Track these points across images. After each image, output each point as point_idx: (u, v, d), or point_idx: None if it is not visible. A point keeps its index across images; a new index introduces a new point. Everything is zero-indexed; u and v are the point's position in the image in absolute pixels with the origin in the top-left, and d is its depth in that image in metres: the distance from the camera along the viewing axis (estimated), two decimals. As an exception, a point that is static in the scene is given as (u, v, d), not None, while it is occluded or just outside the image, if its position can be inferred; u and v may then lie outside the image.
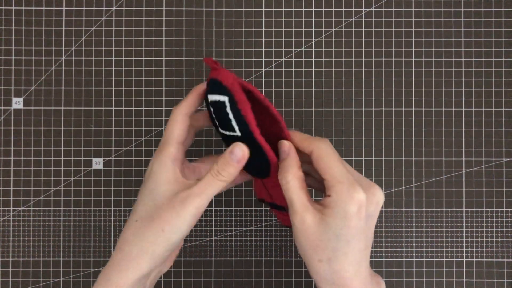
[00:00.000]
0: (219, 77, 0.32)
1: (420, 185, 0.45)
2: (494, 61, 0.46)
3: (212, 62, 0.33)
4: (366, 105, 0.46)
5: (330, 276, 0.31)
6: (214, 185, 0.32)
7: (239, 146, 0.32)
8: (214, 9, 0.46)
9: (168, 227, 0.31)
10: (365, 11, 0.46)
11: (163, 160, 0.33)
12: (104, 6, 0.46)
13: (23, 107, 0.45)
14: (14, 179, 0.45)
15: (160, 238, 0.31)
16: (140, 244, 0.31)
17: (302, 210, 0.31)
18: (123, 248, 0.32)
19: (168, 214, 0.31)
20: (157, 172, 0.32)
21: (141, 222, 0.32)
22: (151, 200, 0.32)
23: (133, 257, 0.31)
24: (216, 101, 0.32)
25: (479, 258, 0.45)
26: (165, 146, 0.33)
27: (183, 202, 0.31)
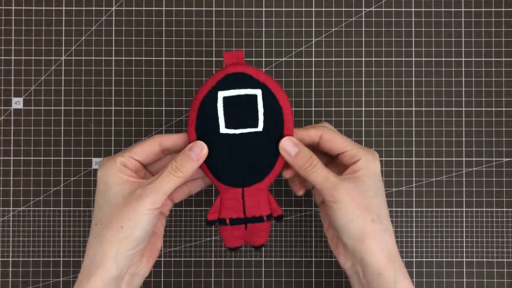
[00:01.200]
0: (248, 71, 0.33)
1: (420, 185, 0.45)
2: (494, 61, 0.46)
3: (235, 58, 0.33)
4: (366, 105, 0.46)
5: (383, 236, 0.33)
6: (170, 181, 0.32)
7: (198, 143, 0.33)
8: (214, 9, 0.46)
9: (127, 223, 0.31)
10: (365, 11, 0.46)
11: (111, 164, 0.33)
12: (104, 6, 0.46)
13: (23, 107, 0.45)
14: (14, 179, 0.45)
15: (120, 235, 0.31)
16: (103, 246, 0.32)
17: (340, 180, 0.33)
18: (88, 252, 0.33)
19: (125, 211, 0.31)
20: (104, 176, 0.33)
21: (100, 224, 0.32)
22: (105, 202, 0.32)
23: (98, 260, 0.32)
24: (239, 96, 0.33)
25: (479, 258, 0.45)
26: (119, 153, 0.34)
27: (138, 199, 0.32)
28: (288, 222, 0.45)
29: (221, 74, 0.33)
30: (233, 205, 0.35)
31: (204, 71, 0.46)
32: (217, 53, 0.46)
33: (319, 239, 0.45)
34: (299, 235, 0.45)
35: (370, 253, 0.33)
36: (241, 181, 0.34)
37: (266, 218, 0.35)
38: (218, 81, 0.33)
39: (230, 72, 0.33)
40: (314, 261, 0.45)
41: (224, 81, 0.33)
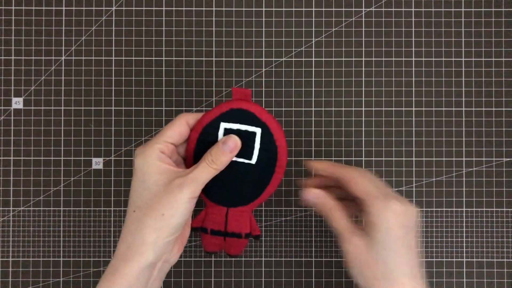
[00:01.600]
0: (252, 109, 0.36)
1: (420, 185, 0.45)
2: (494, 61, 0.46)
3: (243, 95, 0.36)
4: (366, 105, 0.46)
5: None
6: (208, 172, 0.34)
7: (232, 137, 0.35)
8: (214, 9, 0.46)
9: (168, 211, 0.32)
10: (365, 11, 0.46)
11: (147, 154, 0.34)
12: (104, 6, 0.46)
13: (23, 107, 0.45)
14: (14, 179, 0.45)
15: (161, 223, 0.32)
16: (142, 232, 0.32)
17: (349, 234, 0.34)
18: (126, 239, 0.33)
19: (166, 199, 0.32)
20: (143, 165, 0.33)
21: (139, 210, 0.33)
22: (145, 189, 0.33)
23: (137, 246, 0.32)
24: (240, 130, 0.35)
25: (479, 258, 0.45)
26: (150, 142, 0.34)
27: (180, 187, 0.32)
28: (288, 222, 0.45)
29: (226, 106, 0.36)
30: (216, 219, 0.37)
31: (204, 71, 0.46)
32: (217, 53, 0.46)
33: (319, 239, 0.45)
34: (299, 235, 0.45)
35: None
36: (227, 203, 0.37)
37: (244, 235, 0.37)
38: (223, 113, 0.36)
39: (235, 107, 0.36)
40: (314, 261, 0.45)
41: (228, 114, 0.36)
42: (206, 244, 0.38)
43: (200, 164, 0.34)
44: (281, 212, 0.45)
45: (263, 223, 0.45)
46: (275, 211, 0.45)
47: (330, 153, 0.45)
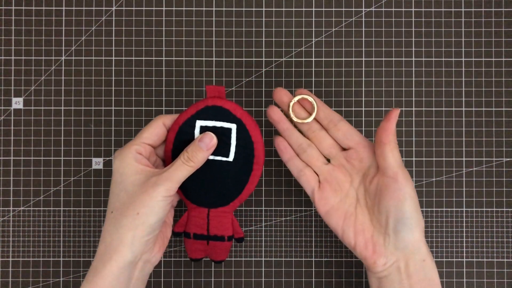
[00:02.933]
0: (226, 105, 0.36)
1: (420, 185, 0.45)
2: (494, 61, 0.46)
3: (217, 92, 0.36)
4: (366, 105, 0.46)
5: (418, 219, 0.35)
6: (184, 170, 0.34)
7: (208, 134, 0.35)
8: (214, 9, 0.46)
9: (143, 209, 0.33)
10: (365, 11, 0.46)
11: (123, 155, 0.34)
12: (104, 6, 0.46)
13: (23, 107, 0.45)
14: (14, 179, 0.45)
15: (137, 222, 0.33)
16: (119, 232, 0.33)
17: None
18: (104, 239, 0.34)
19: (141, 198, 0.33)
20: (120, 167, 0.34)
21: (116, 211, 0.33)
22: (122, 190, 0.34)
23: (115, 246, 0.33)
24: (216, 127, 0.36)
25: (479, 258, 0.45)
26: (127, 144, 0.35)
27: (154, 186, 0.33)
28: (288, 222, 0.45)
29: (201, 104, 0.36)
30: (198, 222, 0.37)
31: (204, 71, 0.46)
32: (217, 53, 0.46)
33: (319, 239, 0.45)
34: (299, 235, 0.45)
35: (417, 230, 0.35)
36: (207, 203, 0.37)
37: (227, 238, 0.37)
38: (198, 111, 0.36)
39: (209, 105, 0.36)
40: (314, 261, 0.45)
41: (203, 111, 0.36)
42: (190, 251, 0.38)
43: (175, 162, 0.34)
44: (281, 212, 0.45)
45: (263, 223, 0.45)
46: (275, 211, 0.45)
47: (330, 153, 0.45)
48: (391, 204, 0.34)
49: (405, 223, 0.34)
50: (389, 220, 0.34)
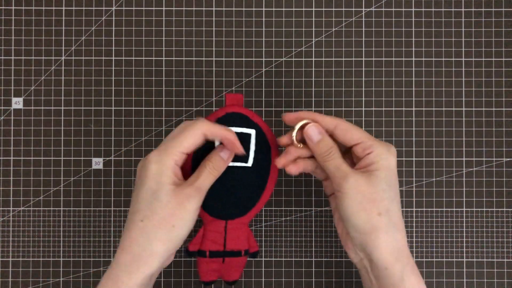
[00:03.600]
0: (245, 112, 0.37)
1: (420, 185, 0.45)
2: (494, 61, 0.46)
3: (236, 100, 0.37)
4: (366, 105, 0.46)
5: (391, 230, 0.33)
6: (210, 179, 0.34)
7: (229, 138, 0.35)
8: (214, 9, 0.46)
9: (178, 222, 0.32)
10: (365, 11, 0.46)
11: (167, 162, 0.33)
12: (104, 6, 0.46)
13: (23, 107, 0.45)
14: (14, 179, 0.45)
15: (171, 234, 0.32)
16: (152, 244, 0.32)
17: (351, 171, 0.34)
18: (132, 249, 0.32)
19: (177, 211, 0.32)
20: (157, 174, 0.33)
21: (148, 221, 0.32)
22: (155, 199, 0.32)
23: (145, 258, 0.32)
24: (236, 133, 0.35)
25: (479, 258, 0.45)
26: (170, 149, 0.33)
27: (188, 198, 0.33)
28: (288, 222, 0.45)
29: (221, 112, 0.37)
30: (215, 237, 0.37)
31: (204, 71, 0.46)
32: (217, 53, 0.46)
33: (319, 239, 0.45)
34: (299, 235, 0.45)
35: (376, 247, 0.33)
36: (225, 214, 0.37)
37: (244, 253, 0.37)
38: (219, 118, 0.36)
39: (230, 112, 0.37)
40: (314, 261, 0.45)
41: (224, 118, 0.36)
42: (203, 272, 0.37)
43: (202, 172, 0.34)
44: (281, 212, 0.45)
45: (263, 223, 0.45)
46: (275, 211, 0.45)
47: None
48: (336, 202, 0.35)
49: (349, 226, 0.34)
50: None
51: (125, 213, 0.45)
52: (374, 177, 0.33)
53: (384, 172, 0.33)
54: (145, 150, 0.45)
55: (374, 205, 0.33)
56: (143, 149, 0.45)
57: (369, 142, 0.34)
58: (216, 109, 0.38)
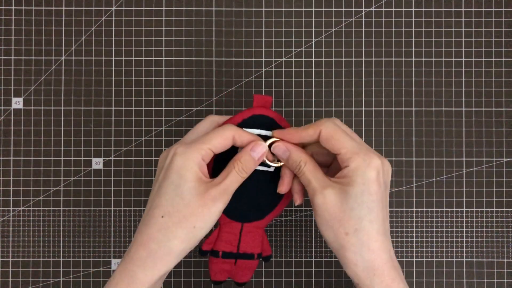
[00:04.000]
0: (272, 115, 0.36)
1: (420, 185, 0.45)
2: (494, 61, 0.46)
3: (264, 102, 0.35)
4: (366, 105, 0.46)
5: (359, 250, 0.31)
6: (238, 181, 0.33)
7: (260, 143, 0.34)
8: (214, 9, 0.46)
9: (200, 223, 0.31)
10: (365, 11, 0.46)
11: (193, 156, 0.32)
12: (104, 6, 0.46)
13: (23, 107, 0.45)
14: (14, 179, 0.45)
15: (191, 235, 0.31)
16: (170, 242, 0.31)
17: (321, 186, 0.32)
18: (149, 245, 0.31)
19: (200, 212, 0.31)
20: (182, 168, 0.31)
21: (169, 218, 0.31)
22: (178, 195, 0.31)
23: (161, 255, 0.31)
24: (261, 135, 0.35)
25: (479, 258, 0.45)
26: (199, 144, 0.32)
27: (214, 200, 0.32)
28: (288, 222, 0.45)
29: (248, 113, 0.36)
30: (230, 238, 0.36)
31: (204, 71, 0.46)
32: (217, 53, 0.46)
33: (319, 239, 0.45)
34: (299, 235, 0.45)
35: (345, 264, 0.32)
36: (243, 217, 0.36)
37: (256, 256, 0.36)
38: (244, 119, 0.35)
39: (256, 114, 0.35)
40: (314, 261, 0.45)
41: (249, 120, 0.35)
42: (214, 272, 0.37)
43: (230, 173, 0.33)
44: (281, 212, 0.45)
45: (263, 223, 0.45)
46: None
47: (330, 153, 0.45)
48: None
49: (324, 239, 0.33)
50: None
51: (125, 213, 0.45)
52: (344, 194, 0.31)
53: (356, 189, 0.31)
54: (145, 150, 0.45)
55: (340, 224, 0.31)
56: (143, 149, 0.45)
57: (348, 154, 0.32)
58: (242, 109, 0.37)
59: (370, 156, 0.32)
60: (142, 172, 0.45)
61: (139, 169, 0.45)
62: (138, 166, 0.45)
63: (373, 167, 0.31)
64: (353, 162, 0.32)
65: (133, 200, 0.45)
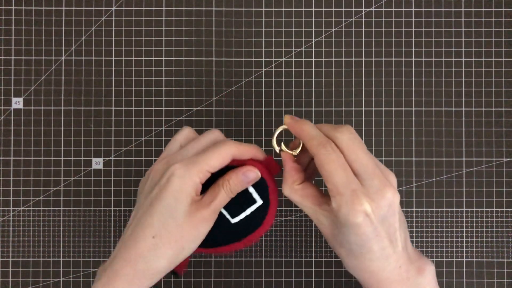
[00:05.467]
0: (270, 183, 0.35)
1: (420, 185, 0.45)
2: (494, 61, 0.46)
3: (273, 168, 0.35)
4: (366, 105, 0.46)
5: (358, 272, 0.33)
6: (225, 201, 0.33)
7: (253, 170, 0.33)
8: (214, 9, 0.46)
9: (189, 244, 0.32)
10: (365, 11, 0.46)
11: (192, 181, 0.31)
12: (104, 6, 0.46)
13: (23, 107, 0.45)
14: (14, 179, 0.45)
15: (179, 255, 0.32)
16: (159, 262, 0.31)
17: (314, 216, 0.33)
18: (137, 263, 0.31)
19: (189, 233, 0.31)
20: (179, 191, 0.31)
21: (160, 239, 0.31)
22: (170, 217, 0.31)
23: (149, 275, 0.31)
24: (247, 190, 0.34)
25: (479, 258, 0.45)
26: (198, 165, 0.31)
27: (203, 221, 0.31)
28: (288, 222, 0.45)
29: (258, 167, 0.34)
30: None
31: (204, 71, 0.46)
32: (217, 53, 0.46)
33: (319, 239, 0.45)
34: (299, 235, 0.45)
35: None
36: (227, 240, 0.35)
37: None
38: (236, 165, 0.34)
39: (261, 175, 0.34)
40: (314, 261, 0.45)
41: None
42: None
43: (219, 193, 0.32)
44: (281, 212, 0.45)
45: (263, 223, 0.45)
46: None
47: (330, 153, 0.45)
48: None
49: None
50: None
51: (125, 213, 0.45)
52: (336, 225, 0.32)
53: (342, 228, 0.31)
54: (145, 150, 0.45)
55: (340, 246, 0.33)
56: (143, 149, 0.45)
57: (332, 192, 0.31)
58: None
59: (354, 201, 0.30)
60: (142, 172, 0.45)
61: (139, 169, 0.45)
62: (138, 166, 0.45)
63: (358, 212, 0.30)
64: (335, 203, 0.30)
65: (133, 200, 0.45)
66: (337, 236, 0.32)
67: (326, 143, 0.31)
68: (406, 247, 0.33)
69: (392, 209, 0.31)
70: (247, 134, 0.45)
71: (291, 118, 0.34)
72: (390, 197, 0.31)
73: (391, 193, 0.31)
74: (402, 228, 0.33)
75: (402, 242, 0.32)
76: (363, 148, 0.32)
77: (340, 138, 0.32)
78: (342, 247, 0.32)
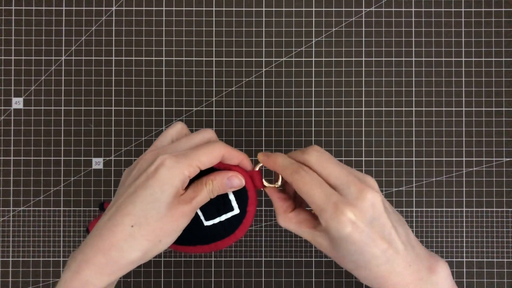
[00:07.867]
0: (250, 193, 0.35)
1: (420, 185, 0.45)
2: (494, 61, 0.46)
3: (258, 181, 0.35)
4: (366, 105, 0.46)
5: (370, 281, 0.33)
6: (206, 200, 0.32)
7: (239, 177, 0.33)
8: (214, 9, 0.46)
9: (166, 239, 0.31)
10: (365, 11, 0.46)
11: (180, 173, 0.31)
12: (104, 6, 0.46)
13: (23, 107, 0.45)
14: (14, 179, 0.45)
15: (155, 248, 0.31)
16: (134, 253, 0.30)
17: (313, 240, 0.33)
18: (110, 252, 0.30)
19: (169, 227, 0.31)
20: (168, 183, 0.30)
21: (139, 229, 0.30)
22: (154, 209, 0.30)
23: (121, 265, 0.30)
24: (226, 195, 0.34)
25: (479, 258, 0.45)
26: (189, 160, 0.31)
27: (183, 217, 0.31)
28: (288, 222, 0.45)
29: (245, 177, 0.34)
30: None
31: (204, 71, 0.46)
32: (217, 53, 0.46)
33: (319, 239, 0.45)
34: (299, 235, 0.45)
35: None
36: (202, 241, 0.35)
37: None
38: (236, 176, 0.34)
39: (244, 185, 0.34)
40: (314, 261, 0.45)
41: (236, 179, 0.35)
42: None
43: (201, 191, 0.32)
44: (281, 212, 0.45)
45: (263, 223, 0.45)
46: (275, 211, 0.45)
47: (330, 153, 0.45)
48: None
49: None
50: None
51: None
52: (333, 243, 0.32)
53: (338, 242, 0.31)
54: (145, 150, 0.45)
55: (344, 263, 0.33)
56: (143, 149, 0.45)
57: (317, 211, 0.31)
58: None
59: (337, 212, 0.30)
60: (142, 172, 0.45)
61: (139, 169, 0.45)
62: (138, 166, 0.45)
63: (344, 222, 0.30)
64: (323, 220, 0.31)
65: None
66: (339, 252, 0.32)
67: (298, 168, 0.32)
68: (411, 246, 0.33)
69: (377, 210, 0.31)
70: (247, 134, 0.45)
71: (263, 155, 0.35)
72: (370, 198, 0.31)
73: (370, 194, 0.31)
74: (399, 226, 0.32)
75: (404, 241, 0.32)
76: (333, 161, 0.33)
77: (309, 160, 0.33)
78: (347, 261, 0.32)
